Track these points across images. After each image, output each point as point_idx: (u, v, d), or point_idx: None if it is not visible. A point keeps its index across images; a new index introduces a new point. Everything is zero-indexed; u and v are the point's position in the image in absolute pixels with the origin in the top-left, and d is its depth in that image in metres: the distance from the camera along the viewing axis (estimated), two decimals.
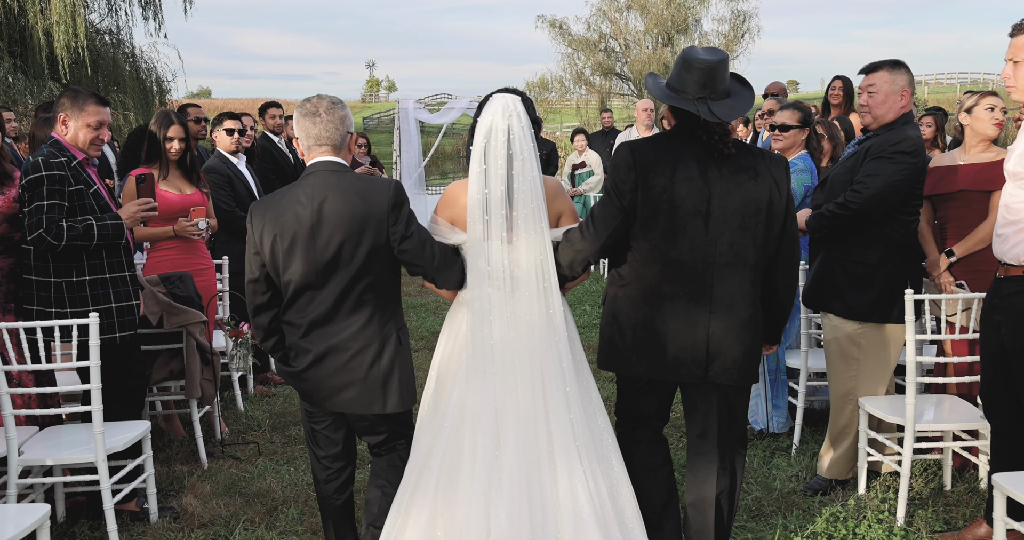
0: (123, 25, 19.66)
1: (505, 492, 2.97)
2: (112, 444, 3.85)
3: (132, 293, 4.36)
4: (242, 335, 5.03)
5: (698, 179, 3.03)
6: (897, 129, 4.14)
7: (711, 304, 3.08)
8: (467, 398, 3.12)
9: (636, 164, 3.06)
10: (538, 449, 3.05)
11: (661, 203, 3.04)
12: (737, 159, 3.08)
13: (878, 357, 4.21)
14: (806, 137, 5.05)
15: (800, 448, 4.90)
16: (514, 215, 3.09)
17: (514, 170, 3.07)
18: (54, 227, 3.92)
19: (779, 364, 5.13)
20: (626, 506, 3.12)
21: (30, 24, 16.28)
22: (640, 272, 3.14)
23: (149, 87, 19.91)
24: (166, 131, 5.17)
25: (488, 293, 3.12)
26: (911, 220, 4.22)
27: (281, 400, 6.13)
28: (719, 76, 3.06)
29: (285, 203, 3.15)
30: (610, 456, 3.18)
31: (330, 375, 3.17)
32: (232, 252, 6.12)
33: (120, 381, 4.28)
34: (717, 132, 3.03)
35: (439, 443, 3.11)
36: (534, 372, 3.10)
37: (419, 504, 3.06)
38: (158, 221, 5.12)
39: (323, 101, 3.20)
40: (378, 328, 3.17)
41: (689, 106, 3.03)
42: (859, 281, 4.15)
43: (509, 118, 3.09)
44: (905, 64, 4.21)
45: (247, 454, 5.08)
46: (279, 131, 8.27)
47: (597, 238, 3.11)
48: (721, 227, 3.05)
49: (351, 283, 3.12)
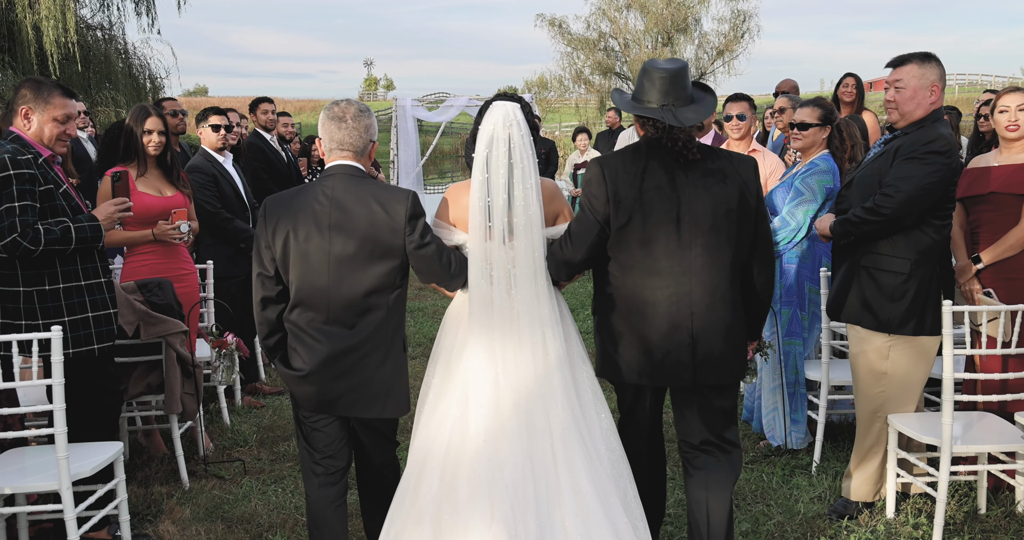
0: (115, 20, 19.51)
1: (508, 482, 3.01)
2: (79, 469, 3.53)
3: (109, 301, 4.05)
4: (226, 346, 4.71)
5: (666, 186, 3.13)
6: (928, 127, 3.82)
7: (691, 306, 3.14)
8: (470, 392, 3.16)
9: (606, 178, 3.16)
10: (540, 439, 3.10)
11: (633, 213, 3.13)
12: (704, 163, 3.17)
13: (909, 371, 3.89)
14: (827, 136, 4.73)
15: (821, 466, 4.58)
16: (515, 221, 3.18)
17: (515, 178, 3.16)
18: (30, 231, 3.62)
19: (797, 376, 4.82)
20: (628, 488, 3.18)
21: (19, 19, 16.05)
22: (621, 281, 3.21)
23: (142, 84, 19.74)
24: (143, 124, 4.85)
25: (489, 291, 3.19)
26: (944, 225, 3.89)
27: (270, 412, 5.82)
28: (680, 83, 3.15)
29: (302, 200, 3.16)
30: (613, 444, 3.24)
31: (334, 378, 3.14)
32: (217, 256, 5.81)
33: (93, 398, 3.98)
34: (681, 138, 3.12)
35: (441, 436, 3.14)
36: (537, 366, 3.16)
37: (423, 497, 3.06)
38: (136, 225, 4.82)
39: (351, 107, 3.23)
40: (384, 333, 3.18)
41: (654, 113, 3.12)
42: (890, 291, 3.84)
43: (510, 127, 3.16)
44: (936, 57, 3.89)
45: (232, 472, 4.76)
46: (271, 128, 7.92)
47: (575, 252, 3.22)
48: (694, 230, 3.12)
49: (360, 287, 3.12)
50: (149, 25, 19.99)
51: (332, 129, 3.20)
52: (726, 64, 42.10)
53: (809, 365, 4.83)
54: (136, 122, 4.86)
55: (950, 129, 3.96)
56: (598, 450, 3.15)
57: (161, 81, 20.30)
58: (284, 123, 8.92)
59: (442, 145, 24.22)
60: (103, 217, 3.97)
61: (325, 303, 3.12)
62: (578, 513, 2.99)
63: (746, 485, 4.40)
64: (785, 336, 4.82)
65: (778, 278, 4.84)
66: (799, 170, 4.82)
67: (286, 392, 6.25)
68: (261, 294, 3.23)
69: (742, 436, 5.12)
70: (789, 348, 4.81)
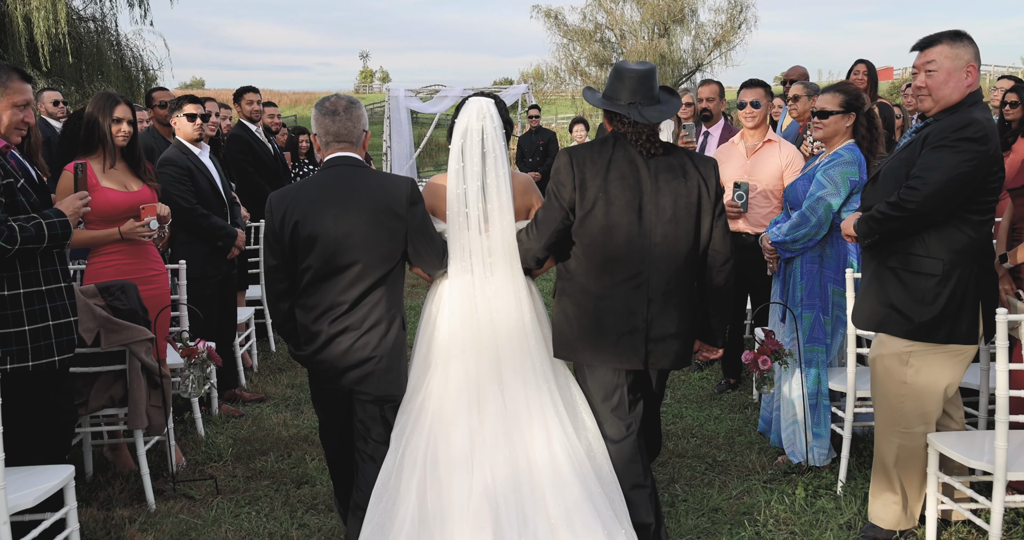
0: (107, 12, 19.45)
1: (488, 454, 3.24)
2: (19, 501, 3.11)
3: (70, 308, 3.67)
4: (196, 354, 4.29)
5: (631, 177, 3.32)
6: (962, 112, 3.38)
7: (648, 292, 3.34)
8: (450, 371, 3.37)
9: (574, 166, 3.35)
10: (517, 413, 3.32)
11: (597, 200, 3.32)
12: (667, 159, 3.38)
13: (933, 381, 3.48)
14: (852, 124, 4.32)
15: (847, 486, 4.18)
16: (488, 207, 3.39)
17: (487, 167, 3.38)
18: (4, 228, 3.25)
19: (820, 386, 4.41)
20: (603, 463, 3.36)
21: (9, 10, 15.94)
22: (583, 266, 3.41)
23: (135, 75, 19.67)
24: (111, 113, 4.42)
25: (468, 277, 3.42)
26: (983, 220, 3.45)
27: (249, 422, 5.41)
28: (648, 83, 3.38)
29: (307, 192, 3.36)
30: (584, 417, 3.44)
31: (340, 355, 3.35)
32: (193, 255, 5.39)
33: (44, 417, 3.60)
34: (646, 134, 3.34)
35: (425, 411, 3.35)
36: (512, 344, 3.38)
37: (408, 469, 3.25)
38: (101, 223, 4.42)
39: (341, 101, 3.45)
40: (385, 311, 3.38)
41: (622, 110, 3.34)
42: (920, 294, 3.42)
43: (483, 120, 3.40)
44: (967, 34, 3.45)
45: (203, 492, 4.35)
46: (257, 119, 7.49)
47: (540, 238, 3.40)
48: (654, 221, 3.32)
49: (365, 270, 3.31)
50: (141, 16, 19.96)
51: (327, 123, 3.40)
52: (723, 55, 41.61)
53: (832, 374, 4.43)
54: (102, 111, 4.43)
55: (988, 113, 3.53)
56: (570, 414, 3.38)
57: (154, 72, 20.39)
58: (270, 114, 8.50)
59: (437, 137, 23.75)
60: (69, 213, 3.59)
61: (331, 286, 3.33)
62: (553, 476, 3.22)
63: (766, 508, 4.00)
64: (806, 342, 4.41)
65: (799, 279, 4.44)
66: (821, 161, 4.42)
67: (267, 399, 5.88)
68: (274, 286, 3.46)
69: (758, 450, 4.74)
70: (811, 355, 4.41)
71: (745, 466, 4.54)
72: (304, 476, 4.51)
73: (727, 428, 5.12)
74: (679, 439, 4.94)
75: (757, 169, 5.25)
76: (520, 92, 19.41)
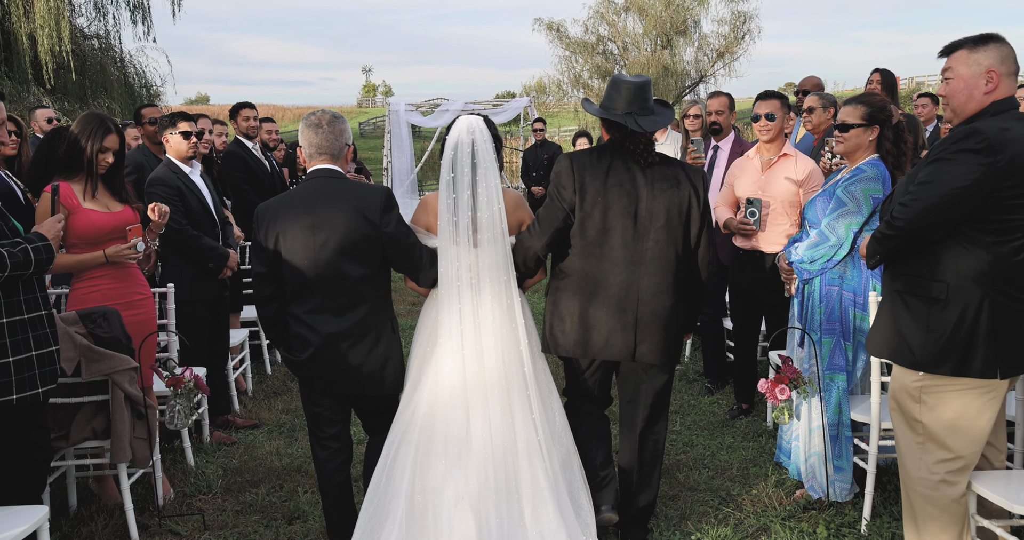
0: (111, 29, 19.47)
1: (475, 459, 3.43)
2: None
3: (52, 337, 3.45)
4: (182, 384, 4.07)
5: (628, 184, 3.54)
6: (976, 123, 3.10)
7: (639, 293, 3.56)
8: (440, 380, 3.52)
9: (575, 170, 3.57)
10: (502, 421, 3.48)
11: (596, 204, 3.53)
12: (661, 168, 3.60)
13: (953, 422, 3.16)
14: (876, 137, 4.10)
15: (872, 524, 3.93)
16: (479, 216, 3.51)
17: (478, 176, 3.52)
18: None
19: (841, 416, 4.15)
20: (575, 475, 3.59)
21: (14, 28, 15.98)
22: (578, 266, 3.61)
23: (138, 92, 19.76)
24: (100, 141, 4.21)
25: (458, 290, 3.53)
26: (1001, 241, 3.06)
27: (241, 450, 5.17)
28: (643, 95, 3.57)
29: (288, 204, 3.52)
30: (561, 432, 3.63)
31: (332, 362, 3.51)
32: (182, 278, 5.17)
33: (20, 454, 3.38)
34: (642, 143, 3.56)
35: (417, 418, 3.52)
36: (498, 356, 3.52)
37: (399, 472, 3.45)
38: (85, 246, 4.21)
39: (326, 115, 3.63)
40: (373, 318, 3.53)
41: (619, 119, 3.52)
42: (923, 320, 3.15)
43: (472, 133, 3.56)
44: (996, 37, 3.15)
45: (190, 528, 4.12)
46: (253, 135, 7.30)
47: (542, 235, 3.60)
48: (647, 226, 3.54)
49: (347, 278, 3.46)
50: (145, 33, 20.01)
51: (311, 135, 3.57)
52: (727, 66, 41.37)
53: (855, 403, 4.18)
54: (91, 137, 4.20)
55: (1006, 123, 3.21)
56: (551, 427, 3.56)
57: (157, 89, 20.39)
58: (268, 130, 8.27)
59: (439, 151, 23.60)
60: (51, 236, 3.39)
61: (315, 295, 3.47)
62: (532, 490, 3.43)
63: None
64: (827, 370, 4.16)
65: (818, 302, 4.20)
66: (842, 177, 4.20)
67: (260, 425, 5.65)
68: (259, 293, 3.58)
69: (774, 483, 4.49)
70: (831, 384, 4.16)
71: (761, 501, 4.29)
72: (296, 511, 4.28)
73: (740, 458, 4.88)
74: (690, 471, 4.70)
75: (772, 184, 5.03)
76: (523, 105, 19.22)
